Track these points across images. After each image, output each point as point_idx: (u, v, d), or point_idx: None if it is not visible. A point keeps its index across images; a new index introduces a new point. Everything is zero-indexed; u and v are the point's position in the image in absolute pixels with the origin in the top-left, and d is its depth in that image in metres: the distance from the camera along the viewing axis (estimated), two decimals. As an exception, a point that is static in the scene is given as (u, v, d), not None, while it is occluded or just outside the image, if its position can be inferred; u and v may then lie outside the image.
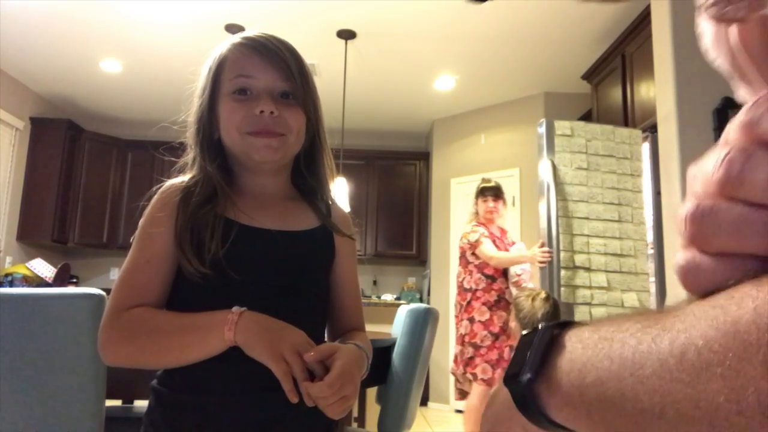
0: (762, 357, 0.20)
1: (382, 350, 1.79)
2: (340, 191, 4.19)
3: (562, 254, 2.99)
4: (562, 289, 2.96)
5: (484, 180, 3.52)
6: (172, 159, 1.02)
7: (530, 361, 0.32)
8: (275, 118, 0.92)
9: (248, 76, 0.94)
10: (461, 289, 3.33)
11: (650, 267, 3.04)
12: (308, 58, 5.53)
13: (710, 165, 0.25)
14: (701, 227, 0.25)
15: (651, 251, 3.04)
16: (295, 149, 0.98)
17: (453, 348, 5.13)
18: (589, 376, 0.28)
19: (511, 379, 0.33)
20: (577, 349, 0.30)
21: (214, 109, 0.96)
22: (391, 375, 1.77)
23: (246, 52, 0.95)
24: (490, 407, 0.39)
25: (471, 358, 3.13)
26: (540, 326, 0.34)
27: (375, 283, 6.15)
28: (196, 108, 0.98)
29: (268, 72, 0.94)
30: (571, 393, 0.29)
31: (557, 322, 0.34)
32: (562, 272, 2.97)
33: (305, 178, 1.04)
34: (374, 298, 5.64)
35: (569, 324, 0.34)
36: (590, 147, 3.11)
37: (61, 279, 3.56)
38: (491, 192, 3.36)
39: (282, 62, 0.95)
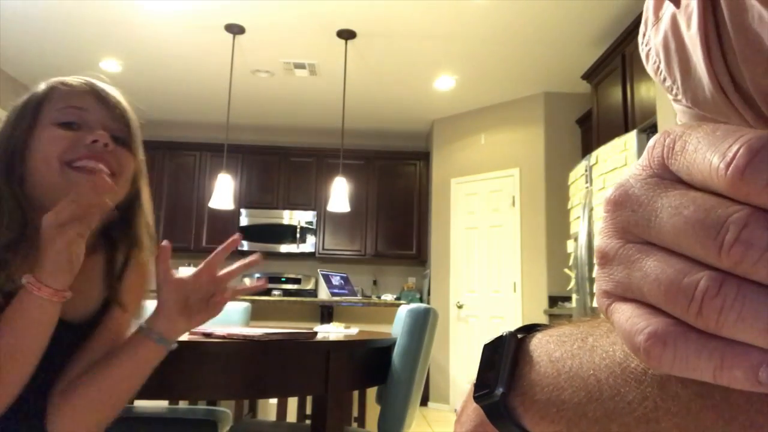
0: None
1: (382, 350, 1.79)
2: (340, 191, 4.19)
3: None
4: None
5: None
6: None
7: (501, 375, 0.31)
8: (109, 152, 0.85)
9: (81, 108, 0.87)
10: None
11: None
12: (308, 58, 5.44)
13: (712, 150, 0.18)
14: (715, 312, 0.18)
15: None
16: (118, 197, 0.88)
17: (453, 348, 5.14)
18: (564, 393, 0.28)
19: (483, 395, 0.32)
20: (544, 361, 0.30)
21: (27, 141, 0.85)
22: (391, 375, 1.77)
23: (80, 87, 0.90)
24: (460, 423, 0.38)
25: None
26: (503, 333, 0.33)
27: (375, 283, 6.15)
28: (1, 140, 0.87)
29: (102, 110, 0.89)
30: (548, 408, 0.29)
31: (519, 327, 0.34)
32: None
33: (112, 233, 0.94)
34: (374, 298, 5.64)
35: (532, 328, 0.34)
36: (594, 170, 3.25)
37: (61, 279, 3.55)
38: None
39: (118, 105, 0.91)
